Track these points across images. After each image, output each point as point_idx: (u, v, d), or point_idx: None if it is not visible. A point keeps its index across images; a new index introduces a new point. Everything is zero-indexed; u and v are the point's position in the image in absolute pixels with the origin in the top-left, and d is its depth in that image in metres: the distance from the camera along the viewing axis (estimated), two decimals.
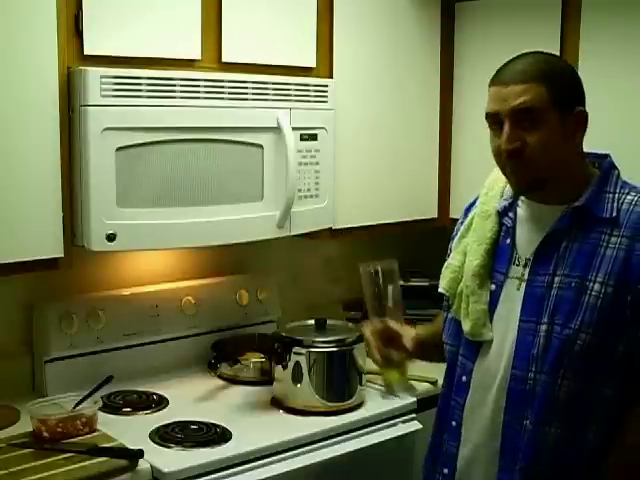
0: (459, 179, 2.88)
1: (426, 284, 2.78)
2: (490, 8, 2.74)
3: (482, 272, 1.70)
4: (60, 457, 1.92)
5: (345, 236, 2.72)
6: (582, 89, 1.63)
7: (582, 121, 1.61)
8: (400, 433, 2.32)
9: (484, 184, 1.81)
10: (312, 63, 2.50)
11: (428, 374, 2.41)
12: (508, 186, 1.72)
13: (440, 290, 1.79)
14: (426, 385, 2.45)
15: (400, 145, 2.78)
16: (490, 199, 1.76)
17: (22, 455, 1.93)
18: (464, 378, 1.71)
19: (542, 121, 1.56)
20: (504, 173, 1.65)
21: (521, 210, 1.70)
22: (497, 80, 1.61)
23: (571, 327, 1.55)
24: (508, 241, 1.70)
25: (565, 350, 1.55)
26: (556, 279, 1.59)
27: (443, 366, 1.82)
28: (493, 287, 1.69)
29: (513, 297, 1.65)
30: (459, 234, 1.82)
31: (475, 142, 2.80)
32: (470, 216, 1.81)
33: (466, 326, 1.70)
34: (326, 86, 2.47)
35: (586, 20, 2.45)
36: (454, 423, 1.73)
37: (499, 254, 1.70)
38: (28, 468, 1.85)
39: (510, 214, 1.71)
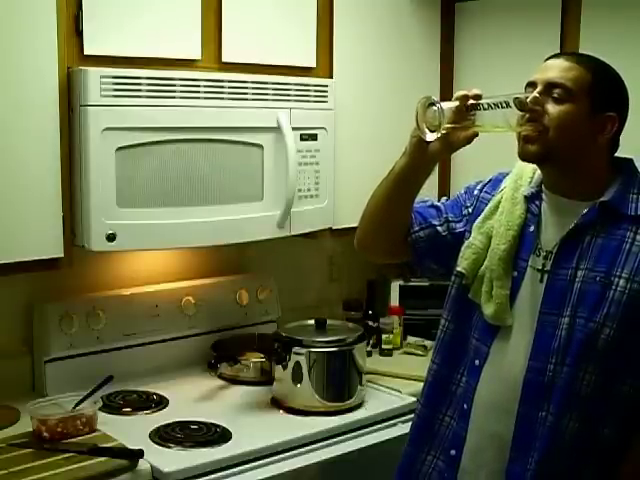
0: (459, 179, 2.87)
1: (426, 284, 2.77)
2: (490, 8, 2.74)
3: (508, 258, 1.69)
4: (60, 457, 1.92)
5: (345, 236, 2.71)
6: (626, 105, 1.64)
7: (607, 126, 1.60)
8: (400, 433, 2.31)
9: (515, 166, 1.77)
10: (312, 63, 2.50)
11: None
12: (536, 174, 1.72)
13: (459, 269, 1.74)
14: None
15: (400, 145, 2.78)
16: (519, 187, 1.74)
17: (22, 455, 1.93)
18: (477, 362, 1.70)
19: (571, 100, 1.56)
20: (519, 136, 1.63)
21: (544, 202, 1.70)
22: (553, 55, 1.64)
23: (595, 320, 1.55)
24: (532, 228, 1.68)
25: (589, 343, 1.55)
26: (579, 273, 1.59)
27: None
28: (515, 274, 1.68)
29: (534, 288, 1.65)
30: (483, 215, 1.77)
31: (475, 142, 2.79)
32: (496, 199, 1.77)
33: (488, 309, 1.68)
34: (326, 86, 2.47)
35: (586, 20, 2.45)
36: (465, 406, 1.72)
37: (523, 241, 1.70)
38: (28, 468, 1.85)
39: (537, 202, 1.70)
